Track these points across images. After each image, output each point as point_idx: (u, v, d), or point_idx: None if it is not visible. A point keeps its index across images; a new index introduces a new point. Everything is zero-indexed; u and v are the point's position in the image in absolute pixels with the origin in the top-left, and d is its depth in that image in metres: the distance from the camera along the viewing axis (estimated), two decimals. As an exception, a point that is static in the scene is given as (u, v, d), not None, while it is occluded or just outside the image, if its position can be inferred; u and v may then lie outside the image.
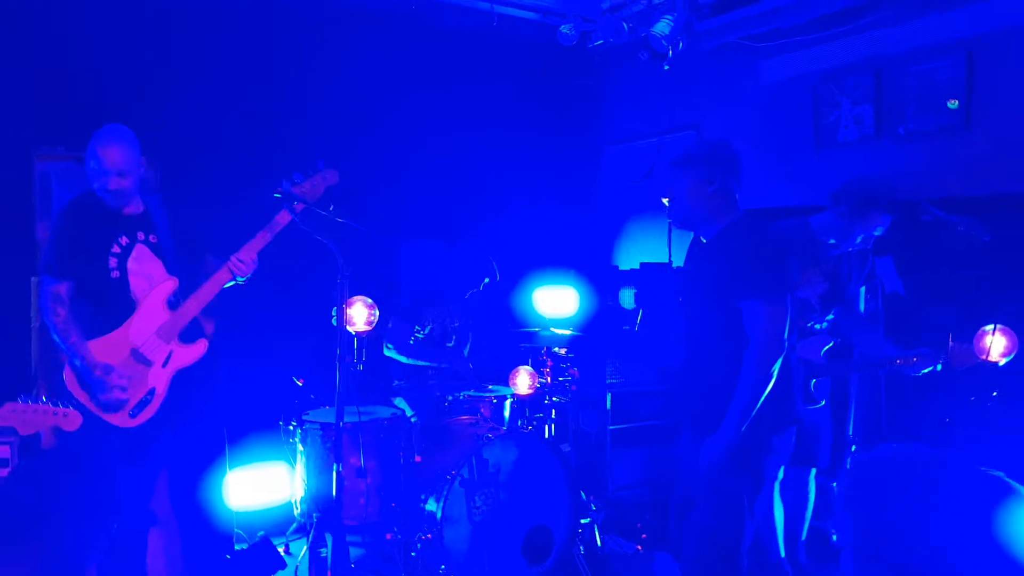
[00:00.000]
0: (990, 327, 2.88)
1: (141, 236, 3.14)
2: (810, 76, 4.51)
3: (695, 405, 2.80)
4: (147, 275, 3.13)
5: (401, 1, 4.68)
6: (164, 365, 3.10)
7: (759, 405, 2.54)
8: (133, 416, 3.02)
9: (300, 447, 3.77)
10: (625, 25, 4.74)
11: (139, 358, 3.06)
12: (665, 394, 4.81)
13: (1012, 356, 2.88)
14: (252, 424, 4.03)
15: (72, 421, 2.72)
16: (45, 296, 3.02)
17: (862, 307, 3.55)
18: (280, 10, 4.59)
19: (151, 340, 3.08)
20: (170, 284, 3.15)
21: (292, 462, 3.87)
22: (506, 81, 5.44)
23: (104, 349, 3.01)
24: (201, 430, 3.27)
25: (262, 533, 3.79)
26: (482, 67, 5.32)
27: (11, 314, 3.92)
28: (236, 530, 3.88)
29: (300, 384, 3.89)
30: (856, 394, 3.84)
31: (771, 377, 2.54)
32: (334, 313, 3.28)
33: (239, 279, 3.19)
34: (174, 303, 3.14)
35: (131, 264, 3.11)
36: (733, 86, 4.96)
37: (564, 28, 4.82)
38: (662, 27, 4.26)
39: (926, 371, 3.18)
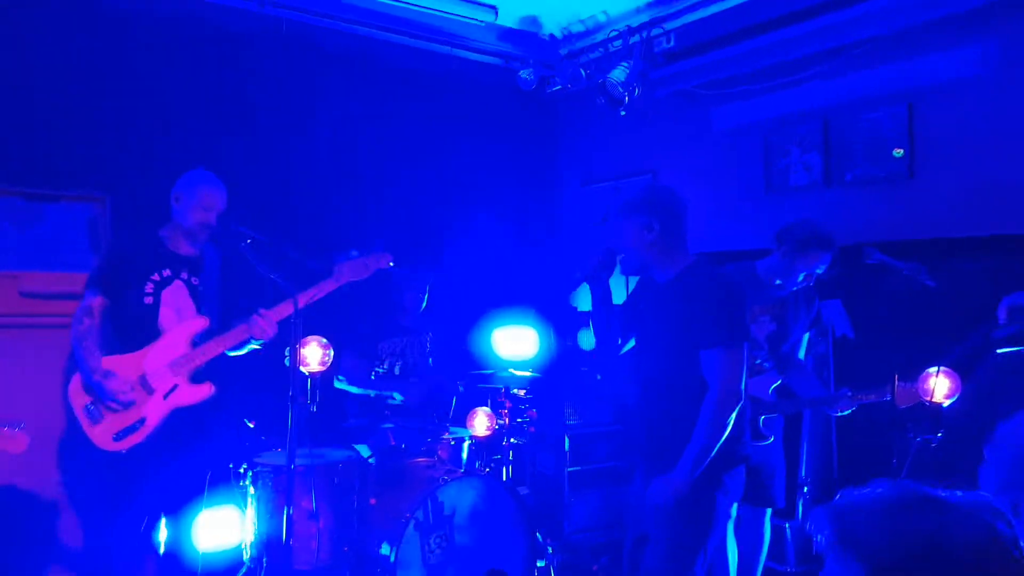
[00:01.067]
0: (934, 369, 2.95)
1: (184, 275, 3.23)
2: (761, 124, 4.62)
3: (650, 446, 2.81)
4: (178, 309, 3.20)
5: (361, 42, 4.73)
6: (165, 397, 3.11)
7: (714, 452, 2.56)
8: (117, 440, 3.01)
9: (251, 490, 3.67)
10: (583, 72, 4.86)
11: (144, 384, 3.08)
12: (622, 434, 4.81)
13: (955, 398, 2.95)
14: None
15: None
16: (80, 307, 3.09)
17: (802, 352, 3.63)
18: (240, 49, 4.60)
19: (162, 370, 3.11)
20: (201, 323, 3.21)
21: (242, 506, 3.76)
22: (466, 123, 5.47)
23: (116, 367, 3.04)
24: (185, 474, 3.26)
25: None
26: (442, 109, 5.36)
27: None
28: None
29: (251, 426, 3.82)
30: (807, 434, 3.88)
31: (727, 426, 2.59)
32: (287, 353, 3.24)
33: (255, 342, 3.24)
34: (196, 342, 3.18)
35: (165, 295, 3.18)
36: (687, 132, 5.07)
37: (523, 73, 4.92)
38: (618, 74, 4.37)
39: (846, 413, 3.36)
